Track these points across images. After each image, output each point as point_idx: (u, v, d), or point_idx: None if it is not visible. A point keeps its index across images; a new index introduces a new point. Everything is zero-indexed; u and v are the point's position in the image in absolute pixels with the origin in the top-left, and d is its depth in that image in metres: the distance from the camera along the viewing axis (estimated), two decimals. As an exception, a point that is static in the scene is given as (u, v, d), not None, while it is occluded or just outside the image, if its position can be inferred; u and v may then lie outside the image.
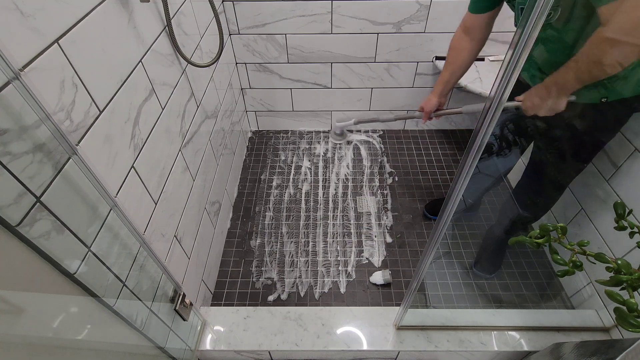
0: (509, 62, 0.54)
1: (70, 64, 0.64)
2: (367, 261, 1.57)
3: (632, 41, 0.78)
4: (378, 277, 1.48)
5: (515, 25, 1.00)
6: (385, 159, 2.03)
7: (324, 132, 2.19)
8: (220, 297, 1.47)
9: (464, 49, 1.22)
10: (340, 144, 2.10)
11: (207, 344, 1.13)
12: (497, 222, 1.54)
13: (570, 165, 1.16)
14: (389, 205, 1.79)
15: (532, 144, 1.27)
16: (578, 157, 1.14)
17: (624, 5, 0.76)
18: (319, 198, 1.82)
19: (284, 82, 1.96)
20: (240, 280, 1.51)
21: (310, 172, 1.95)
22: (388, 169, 1.97)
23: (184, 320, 1.02)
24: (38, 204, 0.54)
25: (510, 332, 1.14)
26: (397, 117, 1.64)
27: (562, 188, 1.28)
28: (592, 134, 1.08)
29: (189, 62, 1.11)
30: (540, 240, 0.70)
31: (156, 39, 0.96)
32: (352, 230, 1.68)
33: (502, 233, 1.46)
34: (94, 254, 0.67)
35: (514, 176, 1.65)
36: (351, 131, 2.17)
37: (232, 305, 1.44)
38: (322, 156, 2.04)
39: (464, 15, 1.19)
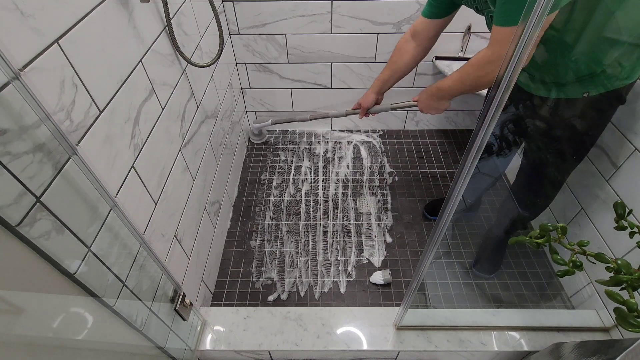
0: (509, 62, 0.54)
1: (70, 64, 0.64)
2: (367, 261, 1.57)
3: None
4: (378, 277, 1.48)
5: (489, 29, 1.04)
6: (385, 159, 2.03)
7: (323, 132, 2.19)
8: (220, 297, 1.47)
9: (408, 52, 1.26)
10: (259, 143, 2.13)
11: (207, 344, 1.13)
12: (496, 222, 1.54)
13: (562, 161, 1.16)
14: (389, 205, 1.79)
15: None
16: (569, 153, 1.14)
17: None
18: (319, 198, 1.82)
19: (284, 82, 1.96)
20: (240, 280, 1.51)
21: (310, 172, 1.95)
22: (388, 169, 1.97)
23: (184, 320, 1.02)
24: (38, 204, 0.54)
25: (510, 332, 1.14)
26: (313, 116, 1.68)
27: (558, 185, 1.28)
28: (579, 128, 1.09)
29: (189, 62, 1.11)
30: (540, 240, 0.70)
31: (156, 39, 0.96)
32: (352, 230, 1.68)
33: (502, 232, 1.46)
34: (94, 254, 0.67)
35: (513, 174, 1.65)
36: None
37: (232, 305, 1.44)
38: (322, 156, 2.04)
39: (417, 19, 1.23)
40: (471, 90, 1.05)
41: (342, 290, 1.48)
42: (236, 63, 1.88)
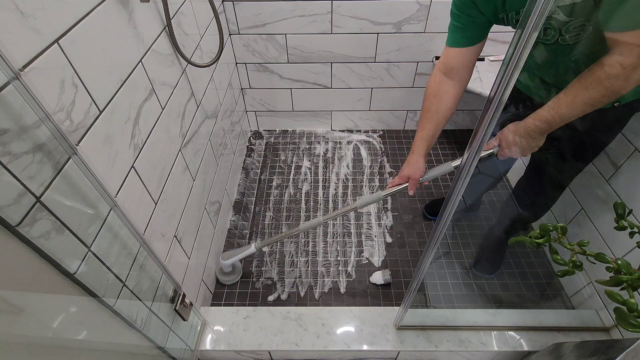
0: (508, 62, 0.54)
1: (70, 64, 0.64)
2: (367, 261, 1.57)
3: None
4: (378, 277, 1.48)
5: None
6: (385, 159, 2.03)
7: (323, 132, 2.19)
8: (220, 297, 1.46)
9: (448, 93, 1.04)
10: (232, 283, 1.48)
11: (207, 344, 1.13)
12: (497, 222, 1.54)
13: (571, 166, 1.16)
14: (389, 205, 1.79)
15: None
16: (579, 159, 1.14)
17: None
18: (319, 198, 1.82)
19: (284, 82, 1.96)
20: (240, 280, 1.51)
21: (310, 172, 1.95)
22: (388, 169, 1.97)
23: (184, 320, 1.02)
24: (38, 204, 0.54)
25: (510, 332, 1.14)
26: (330, 217, 1.23)
27: (562, 188, 1.28)
28: (596, 136, 1.07)
29: (189, 62, 1.11)
30: (540, 240, 0.70)
31: (156, 39, 0.96)
32: (352, 230, 1.68)
33: (502, 233, 1.46)
34: (94, 254, 0.67)
35: (514, 176, 1.65)
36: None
37: (232, 305, 1.44)
38: (322, 156, 2.04)
39: (443, 54, 1.04)
40: (595, 108, 0.85)
41: (342, 290, 1.48)
42: (236, 63, 1.88)
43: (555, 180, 1.22)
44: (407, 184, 1.12)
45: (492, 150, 0.97)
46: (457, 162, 1.08)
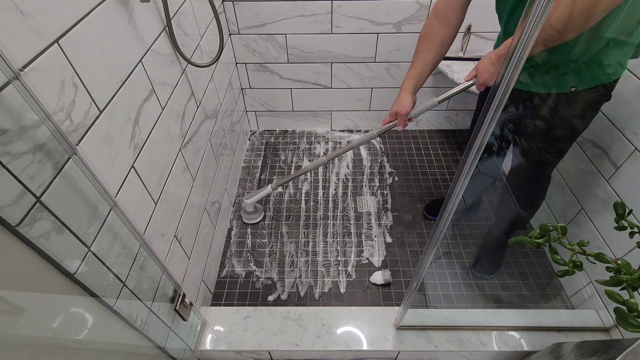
0: (509, 61, 0.54)
1: (70, 64, 0.64)
2: (367, 261, 1.57)
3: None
4: (378, 277, 1.48)
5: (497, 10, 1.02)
6: (385, 159, 2.03)
7: (323, 132, 2.19)
8: (220, 297, 1.46)
9: (435, 37, 1.09)
10: (256, 223, 1.70)
11: (207, 344, 1.13)
12: (494, 222, 1.54)
13: (544, 154, 1.16)
14: (389, 205, 1.79)
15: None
16: (554, 146, 1.14)
17: None
18: (319, 198, 1.82)
19: (284, 82, 1.96)
20: (240, 281, 1.51)
21: (310, 172, 1.95)
22: (388, 169, 1.97)
23: (184, 320, 1.02)
24: (38, 204, 0.54)
25: (510, 332, 1.14)
26: (330, 157, 1.35)
27: (545, 179, 1.27)
28: (565, 122, 1.08)
29: (189, 62, 1.11)
30: (540, 240, 0.70)
31: (156, 39, 0.96)
32: (352, 230, 1.68)
33: (500, 233, 1.46)
34: (94, 254, 0.67)
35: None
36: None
37: (232, 305, 1.44)
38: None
39: (435, 2, 1.09)
40: (545, 47, 0.89)
41: (342, 290, 1.48)
42: (236, 63, 1.88)
43: (536, 169, 1.22)
44: (396, 121, 1.20)
45: (472, 81, 1.04)
46: (440, 97, 1.13)
